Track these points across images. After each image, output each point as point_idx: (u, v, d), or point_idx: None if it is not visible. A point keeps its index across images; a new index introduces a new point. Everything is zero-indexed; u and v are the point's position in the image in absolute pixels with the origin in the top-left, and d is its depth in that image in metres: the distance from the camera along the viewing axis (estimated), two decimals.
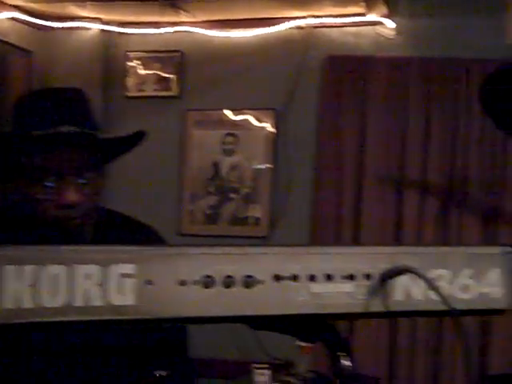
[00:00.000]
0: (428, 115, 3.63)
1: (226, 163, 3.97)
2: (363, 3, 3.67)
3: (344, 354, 0.87)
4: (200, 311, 0.82)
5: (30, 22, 3.99)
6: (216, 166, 3.98)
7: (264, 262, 0.84)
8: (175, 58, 4.04)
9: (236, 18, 3.95)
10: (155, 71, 4.06)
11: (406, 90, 3.66)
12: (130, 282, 0.78)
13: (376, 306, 0.87)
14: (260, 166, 3.91)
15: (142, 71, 4.08)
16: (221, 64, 3.99)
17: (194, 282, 0.81)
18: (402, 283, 0.89)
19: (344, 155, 3.72)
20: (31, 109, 1.48)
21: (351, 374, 0.86)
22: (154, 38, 4.08)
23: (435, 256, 0.91)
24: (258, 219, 3.91)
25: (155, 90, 4.06)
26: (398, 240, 3.57)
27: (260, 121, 3.92)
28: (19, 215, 1.47)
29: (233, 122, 3.95)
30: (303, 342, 0.95)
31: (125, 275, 0.78)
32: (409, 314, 0.91)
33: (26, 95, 1.58)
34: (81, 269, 0.76)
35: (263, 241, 3.83)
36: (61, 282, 0.75)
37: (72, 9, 3.95)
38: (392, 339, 3.55)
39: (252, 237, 3.84)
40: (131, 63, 4.09)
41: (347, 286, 0.86)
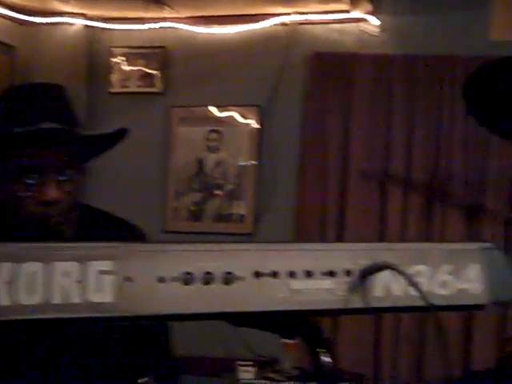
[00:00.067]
0: (412, 112, 3.65)
1: (211, 160, 3.96)
2: (347, 0, 3.68)
3: (324, 351, 0.87)
4: (179, 308, 0.81)
5: (12, 17, 3.96)
6: (200, 163, 3.97)
7: (244, 259, 0.84)
8: (159, 54, 4.03)
9: (220, 14, 3.94)
10: (139, 67, 4.05)
11: (389, 86, 3.67)
12: (109, 279, 0.78)
13: (356, 302, 0.87)
14: (244, 163, 3.91)
15: (125, 67, 4.06)
16: (205, 60, 3.98)
17: (174, 279, 0.80)
18: (381, 279, 0.89)
19: (328, 152, 3.73)
20: (11, 105, 1.46)
21: (331, 370, 0.86)
22: (138, 34, 4.06)
23: (415, 252, 0.91)
24: (242, 216, 3.90)
25: (139, 86, 4.05)
26: (382, 236, 3.58)
27: (244, 117, 3.92)
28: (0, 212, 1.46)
29: (217, 119, 3.95)
30: (285, 339, 0.95)
31: (103, 272, 0.77)
32: (389, 310, 0.91)
33: (6, 91, 1.56)
34: (59, 266, 0.76)
35: (248, 238, 3.83)
36: (38, 280, 0.75)
37: (55, 4, 3.92)
38: (376, 335, 3.56)
39: (236, 234, 3.84)
40: (115, 59, 4.07)
41: (327, 283, 0.86)
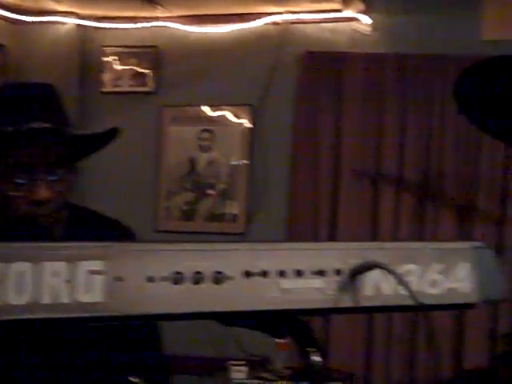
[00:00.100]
0: (404, 111, 3.65)
1: (203, 159, 3.96)
2: None
3: (314, 350, 0.87)
4: (169, 308, 0.81)
5: (4, 15, 3.95)
6: (192, 162, 3.97)
7: (233, 258, 0.83)
8: (151, 54, 4.02)
9: (212, 13, 3.94)
10: (131, 66, 4.04)
11: (381, 86, 3.68)
12: (99, 279, 0.77)
13: (346, 301, 0.87)
14: (236, 162, 3.91)
15: (117, 66, 4.05)
16: (197, 60, 3.98)
17: (163, 279, 0.80)
18: (371, 279, 0.89)
19: (320, 151, 3.73)
20: (2, 104, 1.46)
21: (321, 369, 0.86)
22: (130, 33, 4.05)
23: (405, 251, 0.91)
24: (234, 215, 3.90)
25: (131, 85, 4.04)
26: (374, 235, 3.59)
27: (236, 117, 3.92)
28: None
29: (209, 118, 3.94)
30: (276, 338, 0.95)
31: (93, 272, 0.77)
32: (379, 310, 0.91)
33: None
34: (48, 266, 0.75)
35: (240, 237, 3.83)
36: (27, 280, 0.74)
37: (48, 3, 3.91)
38: (368, 334, 3.57)
39: (229, 233, 3.83)
40: (107, 58, 4.06)
41: (317, 282, 0.86)
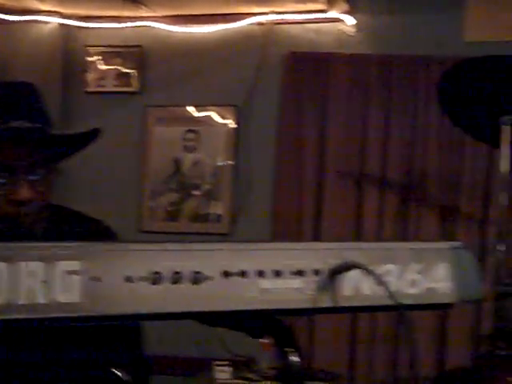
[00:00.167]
0: (388, 112, 3.67)
1: (187, 160, 3.95)
2: (324, 0, 3.69)
3: (292, 350, 0.87)
4: (148, 308, 0.81)
5: None
6: (177, 163, 3.96)
7: (212, 258, 0.84)
8: (136, 54, 4.01)
9: (197, 13, 3.93)
10: (115, 66, 4.02)
11: (366, 86, 3.69)
12: (76, 279, 0.77)
13: (325, 301, 0.87)
14: (222, 163, 3.90)
15: (101, 66, 4.03)
16: (181, 60, 3.97)
17: (141, 279, 0.80)
18: (351, 279, 0.89)
19: (305, 151, 3.74)
20: None
21: (300, 369, 0.86)
22: (115, 33, 4.04)
23: (384, 251, 0.92)
24: (219, 216, 3.90)
25: (115, 85, 4.02)
26: (358, 235, 3.60)
27: (222, 117, 3.92)
28: None
29: (193, 119, 3.94)
30: (255, 338, 0.95)
31: (70, 272, 0.77)
32: (358, 310, 0.91)
33: None
34: (24, 266, 0.75)
35: (225, 237, 3.82)
36: (3, 280, 0.74)
37: (30, 2, 3.89)
38: (352, 334, 3.58)
39: (213, 233, 3.83)
40: (91, 58, 4.04)
41: (296, 282, 0.86)
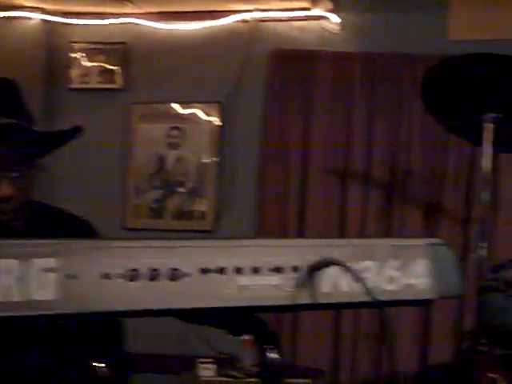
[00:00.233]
0: (372, 110, 3.68)
1: (171, 157, 3.94)
2: None
3: (271, 347, 0.87)
4: (125, 305, 0.81)
5: None
6: (161, 160, 3.95)
7: (190, 255, 0.83)
8: (120, 50, 3.99)
9: (182, 10, 3.92)
10: (99, 63, 4.00)
11: (350, 84, 3.70)
12: (52, 277, 0.76)
13: (303, 298, 0.87)
14: (207, 160, 3.90)
15: (85, 63, 4.01)
16: (166, 57, 3.96)
17: (119, 276, 0.80)
18: (329, 275, 0.89)
19: (289, 148, 3.74)
20: None
21: (279, 366, 0.86)
22: (99, 29, 4.02)
23: (362, 248, 0.92)
24: (203, 213, 3.89)
25: (99, 82, 4.00)
26: (342, 232, 3.61)
27: (206, 114, 3.91)
28: None
29: (178, 116, 3.92)
30: (233, 335, 0.95)
31: (46, 269, 0.76)
32: (336, 306, 0.91)
33: None
34: None
35: (209, 235, 3.82)
36: None
37: None
38: (335, 330, 3.58)
39: (198, 231, 3.83)
40: (74, 54, 4.01)
41: (274, 279, 0.86)
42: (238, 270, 0.85)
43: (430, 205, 3.59)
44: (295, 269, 0.87)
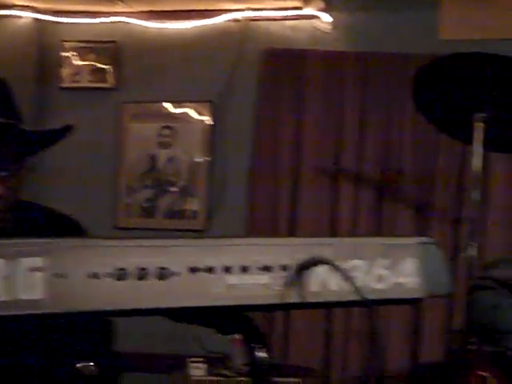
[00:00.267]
0: (363, 109, 3.68)
1: (163, 156, 3.93)
2: None
3: (260, 346, 0.87)
4: (113, 304, 0.80)
5: None
6: (152, 159, 3.94)
7: (179, 254, 0.83)
8: (111, 49, 3.98)
9: (173, 9, 3.92)
10: (90, 62, 3.99)
11: (342, 83, 3.70)
12: (39, 276, 0.76)
13: (292, 297, 0.87)
14: (199, 159, 3.89)
15: (76, 62, 4.00)
16: (157, 56, 3.95)
17: (107, 275, 0.79)
18: (318, 274, 0.89)
19: (281, 147, 3.74)
20: None
21: (267, 365, 0.86)
22: (90, 28, 4.00)
23: (351, 247, 0.92)
24: (195, 212, 3.89)
25: (90, 81, 3.99)
26: (333, 231, 3.61)
27: (197, 113, 3.90)
28: None
29: (169, 115, 3.92)
30: (223, 334, 0.95)
31: (33, 269, 0.76)
32: (325, 305, 0.91)
33: None
34: None
35: (200, 234, 3.81)
36: None
37: None
38: (327, 329, 3.59)
39: (189, 230, 3.82)
40: (66, 53, 4.00)
41: (263, 278, 0.86)
42: (227, 269, 0.84)
43: (422, 204, 3.59)
44: (284, 268, 0.87)
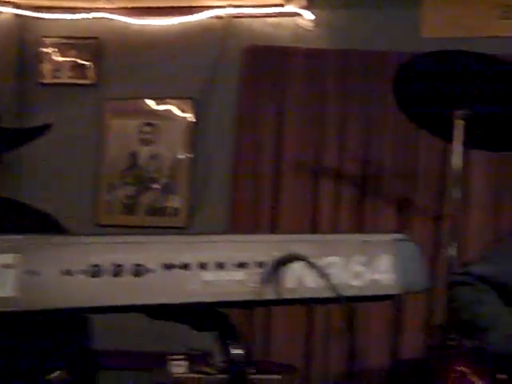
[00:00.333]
0: (345, 106, 3.69)
1: (144, 153, 3.92)
2: None
3: (235, 342, 0.86)
4: (87, 301, 0.80)
5: None
6: (134, 156, 3.92)
7: (154, 251, 0.83)
8: (92, 45, 3.95)
9: (155, 5, 3.90)
10: (71, 58, 3.96)
11: (323, 80, 3.71)
12: (11, 273, 0.75)
13: (268, 293, 0.87)
14: (181, 156, 3.88)
15: (57, 58, 3.96)
16: (139, 52, 3.93)
17: (81, 272, 0.79)
18: (294, 271, 0.89)
19: (262, 144, 3.74)
20: None
21: (242, 361, 0.86)
22: (71, 24, 3.97)
23: (327, 243, 0.92)
24: (176, 209, 3.88)
25: (71, 77, 3.96)
26: (314, 228, 3.61)
27: (179, 110, 3.89)
28: None
29: (151, 112, 3.90)
30: (198, 331, 0.95)
31: (4, 265, 0.75)
32: (301, 302, 0.91)
33: None
34: None
35: (182, 231, 3.80)
36: None
37: None
38: (308, 326, 3.59)
39: (171, 227, 3.81)
40: (46, 49, 3.97)
41: (239, 274, 0.86)
42: (203, 266, 0.84)
43: (403, 200, 3.61)
44: (260, 264, 0.87)
